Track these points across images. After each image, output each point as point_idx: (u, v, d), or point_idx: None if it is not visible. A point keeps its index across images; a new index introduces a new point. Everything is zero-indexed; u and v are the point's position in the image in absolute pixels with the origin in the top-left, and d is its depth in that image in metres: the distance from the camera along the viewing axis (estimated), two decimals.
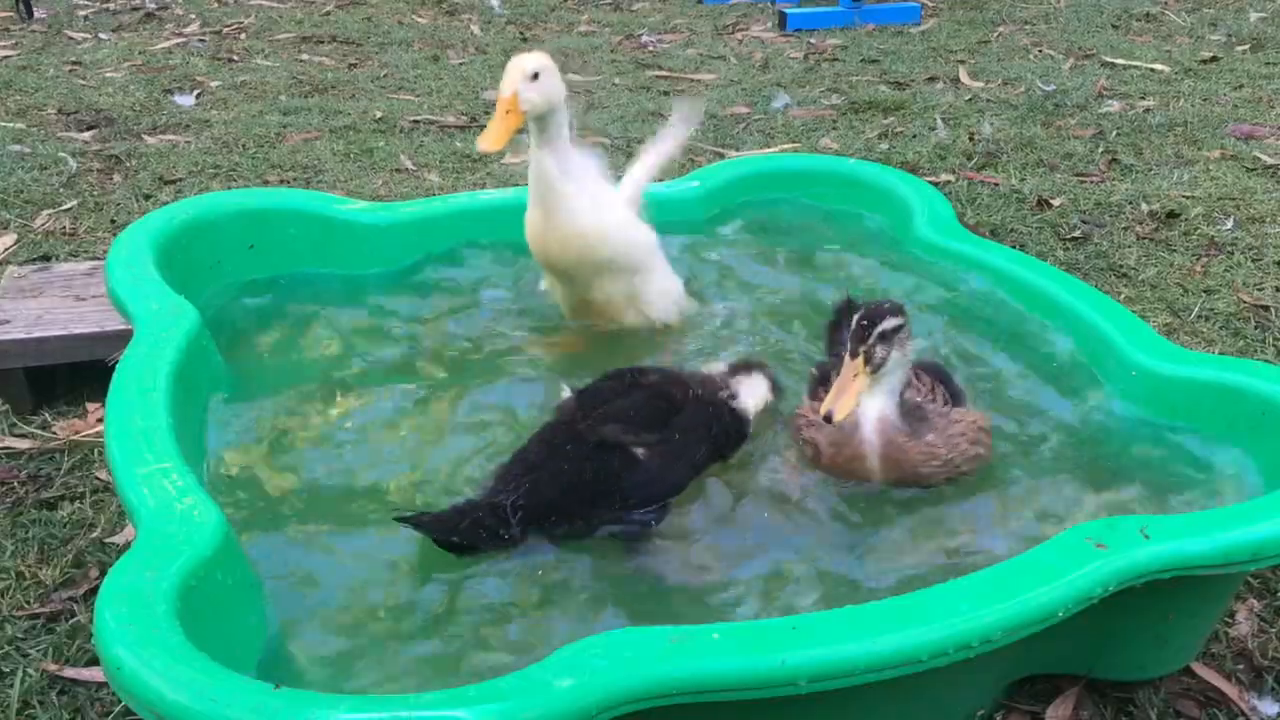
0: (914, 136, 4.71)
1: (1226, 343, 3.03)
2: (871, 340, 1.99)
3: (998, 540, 1.95)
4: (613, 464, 2.01)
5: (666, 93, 5.43)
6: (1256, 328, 3.12)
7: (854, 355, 1.99)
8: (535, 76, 2.24)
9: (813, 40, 6.41)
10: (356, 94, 5.35)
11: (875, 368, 2.00)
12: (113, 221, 3.78)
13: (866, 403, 2.05)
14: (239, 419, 2.24)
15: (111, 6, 7.02)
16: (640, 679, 1.40)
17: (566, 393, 2.22)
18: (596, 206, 2.42)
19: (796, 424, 2.21)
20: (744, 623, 1.52)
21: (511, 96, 2.23)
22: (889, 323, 1.99)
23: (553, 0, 7.45)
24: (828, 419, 1.97)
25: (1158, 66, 5.73)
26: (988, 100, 5.21)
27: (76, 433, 2.63)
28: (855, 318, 2.03)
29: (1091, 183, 4.18)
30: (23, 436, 2.64)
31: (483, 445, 2.22)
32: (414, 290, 2.81)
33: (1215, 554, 1.65)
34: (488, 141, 2.19)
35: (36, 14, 6.65)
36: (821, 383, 2.20)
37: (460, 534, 1.87)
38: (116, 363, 2.05)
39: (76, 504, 2.39)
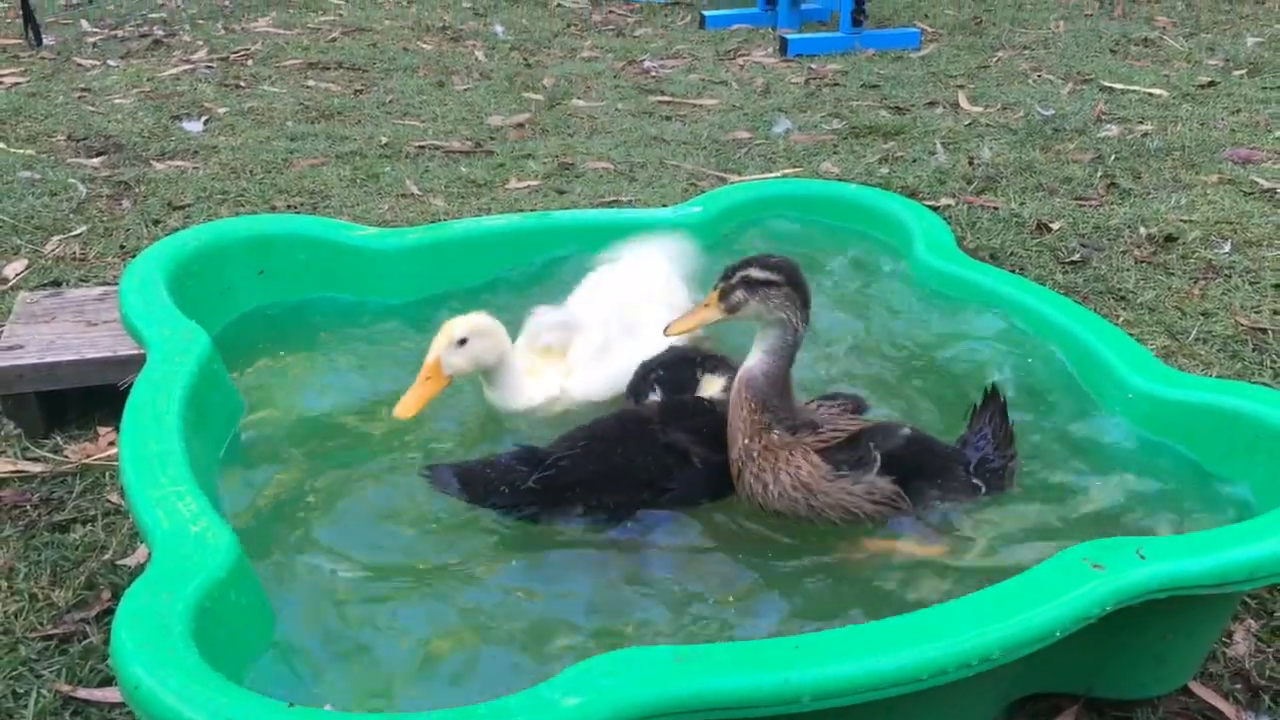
0: (914, 161, 4.76)
1: (1224, 365, 3.06)
2: (734, 280, 2.00)
3: (995, 560, 1.98)
4: (668, 463, 2.10)
5: (669, 118, 5.49)
6: (1254, 350, 3.15)
7: (714, 288, 2.02)
8: (463, 342, 2.26)
9: (813, 65, 6.47)
10: (362, 120, 5.41)
11: (730, 307, 2.01)
12: (122, 247, 3.82)
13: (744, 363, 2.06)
14: (250, 442, 2.28)
15: (120, 33, 7.09)
16: (646, 697, 1.42)
17: (655, 395, 2.32)
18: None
19: None
20: (747, 642, 1.54)
21: (434, 362, 2.26)
22: (757, 272, 1.99)
23: (556, 26, 7.52)
24: (665, 332, 2.08)
25: (1156, 91, 5.79)
26: (987, 125, 5.26)
27: (88, 456, 2.67)
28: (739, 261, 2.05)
29: (1090, 207, 4.22)
30: (35, 460, 2.67)
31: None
32: (422, 314, 2.84)
33: (1211, 574, 1.68)
34: (403, 408, 2.23)
35: (46, 41, 6.72)
36: None
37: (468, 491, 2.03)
38: (129, 387, 2.08)
39: (88, 527, 2.42)
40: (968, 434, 2.19)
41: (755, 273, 1.99)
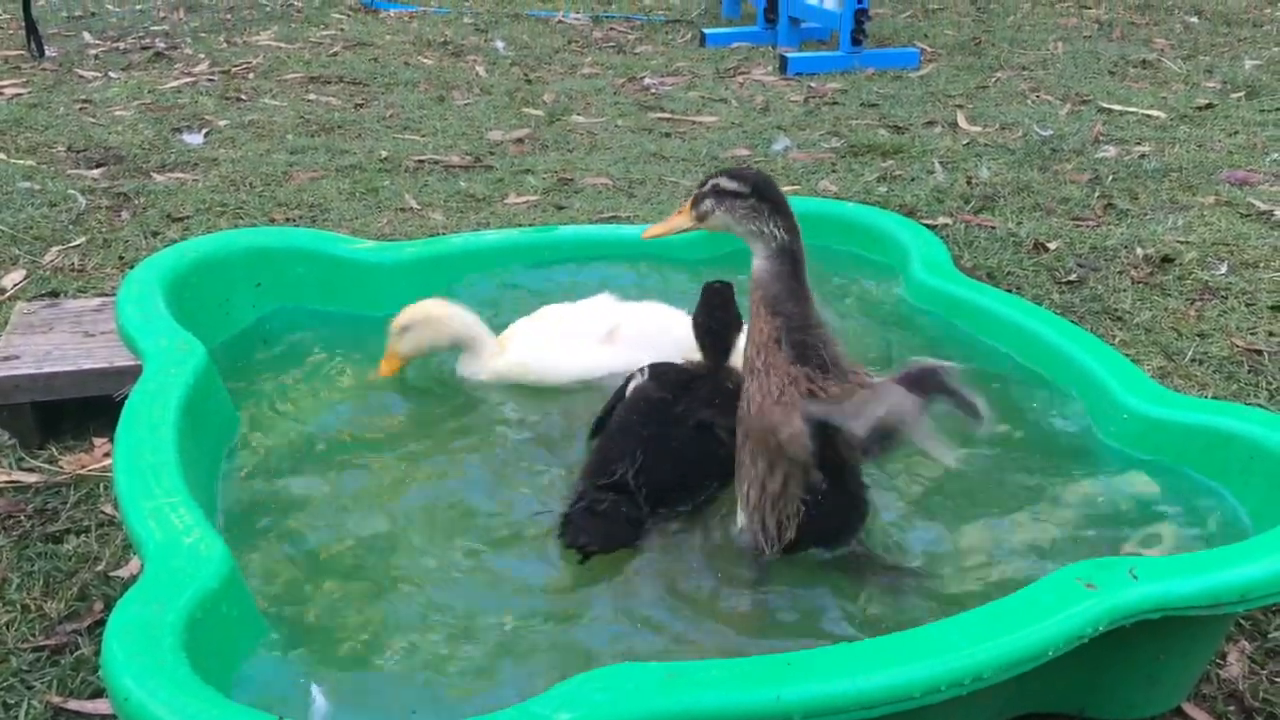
0: (912, 180, 4.77)
1: (1220, 386, 3.07)
2: (705, 189, 2.01)
3: (987, 578, 1.98)
4: (710, 443, 2.15)
5: (669, 134, 5.51)
6: (1250, 372, 3.16)
7: (688, 198, 2.05)
8: (404, 330, 2.54)
9: (813, 84, 6.49)
10: (363, 134, 5.42)
11: (699, 215, 2.02)
12: (120, 258, 3.83)
13: None
14: (245, 454, 2.28)
15: (121, 46, 7.12)
16: (637, 713, 1.42)
17: (639, 378, 2.33)
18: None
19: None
20: (739, 659, 1.54)
21: (390, 349, 2.58)
22: (726, 182, 1.98)
23: (557, 43, 7.55)
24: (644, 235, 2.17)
25: (1154, 113, 5.81)
26: (985, 144, 5.28)
27: (83, 467, 2.67)
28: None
29: (1087, 227, 4.24)
30: (30, 470, 2.67)
31: (490, 478, 2.26)
32: None
33: (1203, 595, 1.68)
34: (377, 373, 2.60)
35: (48, 52, 6.74)
36: None
37: (616, 537, 2.04)
38: (125, 398, 2.09)
39: (82, 538, 2.42)
40: None
41: (724, 183, 1.98)
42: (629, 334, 2.63)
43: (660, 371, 2.33)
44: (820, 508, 1.96)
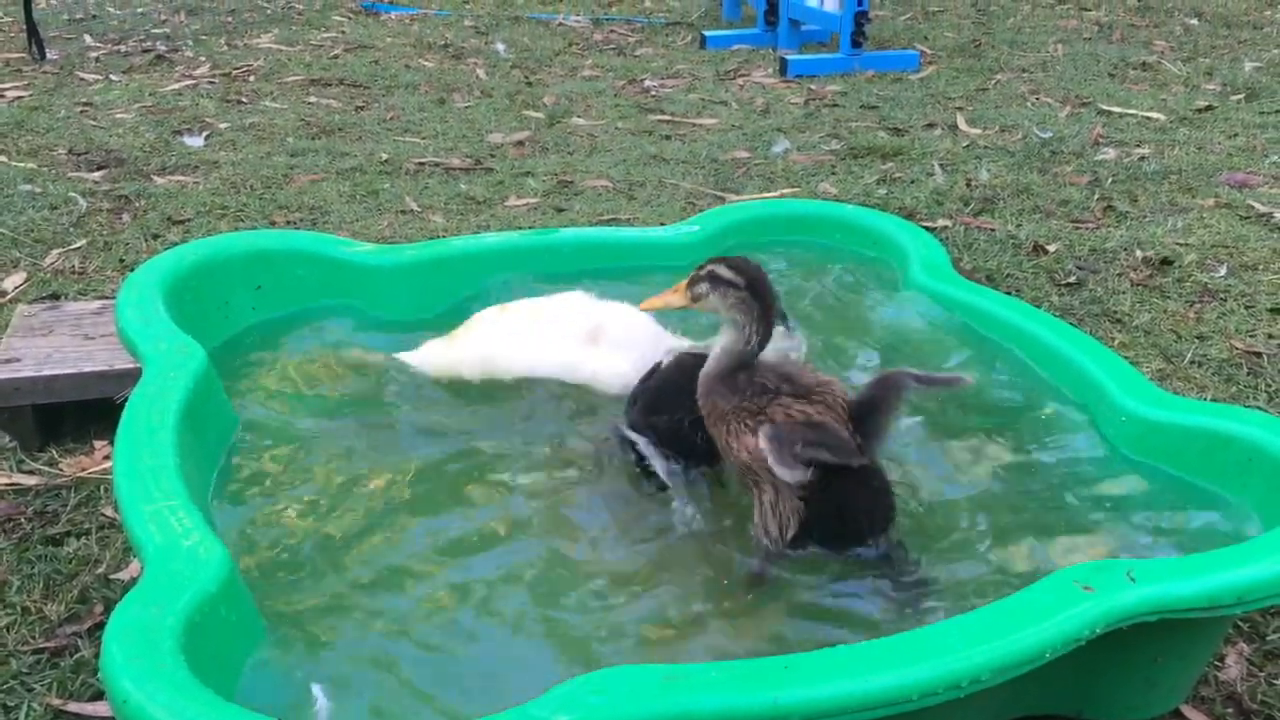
0: (912, 182, 4.78)
1: (1219, 389, 3.07)
2: (702, 272, 2.11)
3: (984, 581, 1.98)
4: None
5: (669, 137, 5.51)
6: (1249, 374, 3.16)
7: (688, 278, 2.15)
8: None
9: (813, 86, 6.50)
10: (363, 136, 5.43)
11: (694, 296, 2.12)
12: (121, 261, 3.83)
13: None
14: (245, 457, 2.28)
15: (123, 49, 7.13)
16: (634, 717, 1.43)
17: (667, 358, 2.41)
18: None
19: None
20: (737, 661, 1.54)
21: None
22: (724, 270, 2.08)
23: (557, 45, 7.56)
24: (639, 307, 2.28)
25: (1153, 115, 5.82)
26: (985, 147, 5.29)
27: (83, 470, 2.67)
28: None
29: (1087, 229, 4.24)
30: (30, 473, 2.67)
31: (491, 477, 2.27)
32: (420, 331, 2.84)
33: (1201, 597, 1.68)
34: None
35: (49, 55, 6.75)
36: None
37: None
38: (125, 401, 2.09)
39: (82, 540, 2.43)
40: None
41: (722, 270, 2.08)
42: (614, 335, 2.59)
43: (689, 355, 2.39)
44: (821, 508, 1.99)
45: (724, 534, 2.14)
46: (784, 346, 2.38)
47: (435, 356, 2.63)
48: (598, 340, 2.59)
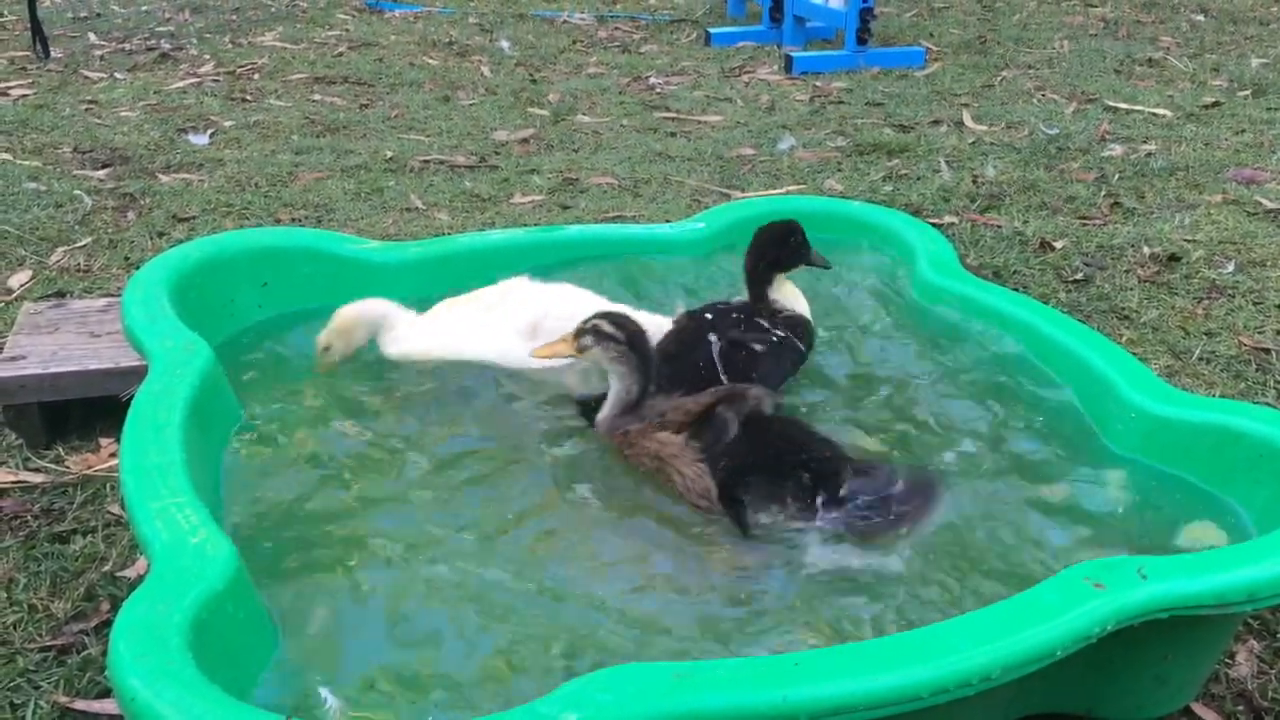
0: (918, 179, 4.76)
1: (1227, 385, 3.06)
2: (587, 326, 2.34)
3: (995, 578, 1.97)
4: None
5: (674, 134, 5.50)
6: (1257, 370, 3.15)
7: (575, 329, 2.37)
8: (326, 349, 2.59)
9: (818, 83, 6.48)
10: (368, 134, 5.42)
11: (579, 348, 2.35)
12: (126, 259, 3.83)
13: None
14: (251, 454, 2.27)
15: (127, 46, 7.13)
16: (643, 714, 1.42)
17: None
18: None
19: None
20: (746, 659, 1.54)
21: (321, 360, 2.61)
22: (606, 326, 2.32)
23: (562, 42, 7.55)
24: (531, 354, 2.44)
25: (1160, 111, 5.80)
26: (991, 143, 5.27)
27: (89, 467, 2.67)
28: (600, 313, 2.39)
29: (1094, 225, 4.23)
30: (36, 471, 2.67)
31: (492, 473, 2.27)
32: None
33: (1211, 595, 1.67)
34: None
35: (53, 53, 6.75)
36: None
37: None
38: (131, 398, 2.09)
39: (89, 538, 2.42)
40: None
41: (605, 326, 2.33)
42: (553, 327, 2.60)
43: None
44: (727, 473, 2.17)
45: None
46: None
47: (407, 345, 2.66)
48: (537, 334, 2.63)
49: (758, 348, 2.55)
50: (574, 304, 2.67)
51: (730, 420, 2.21)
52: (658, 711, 1.43)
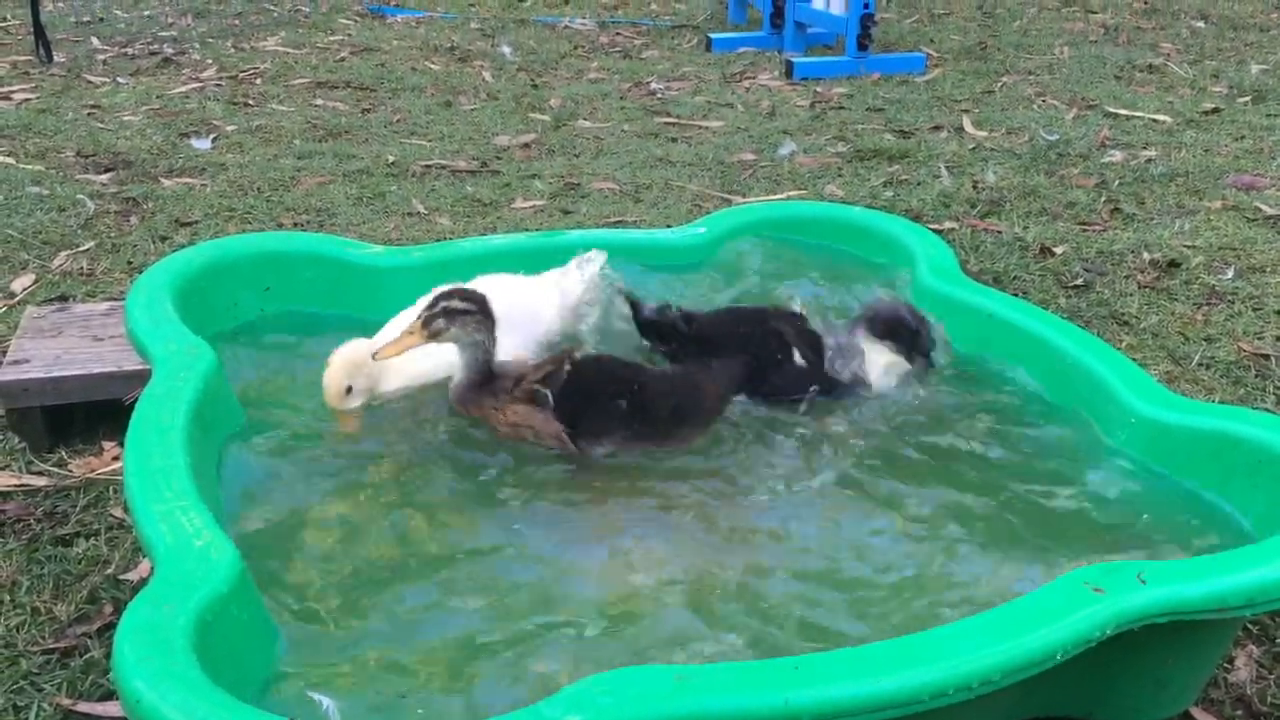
0: (918, 184, 4.77)
1: (1227, 391, 3.07)
2: (436, 310, 2.34)
3: (994, 584, 1.98)
4: None
5: (675, 139, 5.51)
6: (1257, 376, 3.16)
7: (419, 318, 2.35)
8: (349, 390, 2.40)
9: (819, 89, 6.50)
10: (370, 139, 5.44)
11: (432, 333, 2.34)
12: (129, 263, 3.84)
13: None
14: (255, 458, 2.28)
15: (130, 51, 7.14)
16: (645, 716, 1.43)
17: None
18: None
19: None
20: (747, 662, 1.55)
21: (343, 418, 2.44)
22: (458, 303, 2.35)
23: (563, 48, 7.57)
24: (374, 356, 2.37)
25: (1160, 117, 5.81)
26: (991, 149, 5.29)
27: (92, 470, 2.68)
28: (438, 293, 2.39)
29: (1094, 231, 4.24)
30: (39, 474, 2.68)
31: (497, 472, 2.29)
32: None
33: (1211, 599, 1.68)
34: (346, 427, 2.45)
35: (56, 58, 6.77)
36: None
37: None
38: (134, 402, 2.09)
39: (92, 541, 2.43)
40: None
41: (456, 304, 2.36)
42: (520, 317, 2.64)
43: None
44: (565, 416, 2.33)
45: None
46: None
47: (400, 380, 2.57)
48: (509, 324, 2.60)
49: (797, 359, 2.59)
50: (529, 290, 2.76)
51: (547, 394, 2.35)
52: (659, 714, 1.43)
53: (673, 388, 2.42)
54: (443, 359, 2.55)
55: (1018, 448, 2.40)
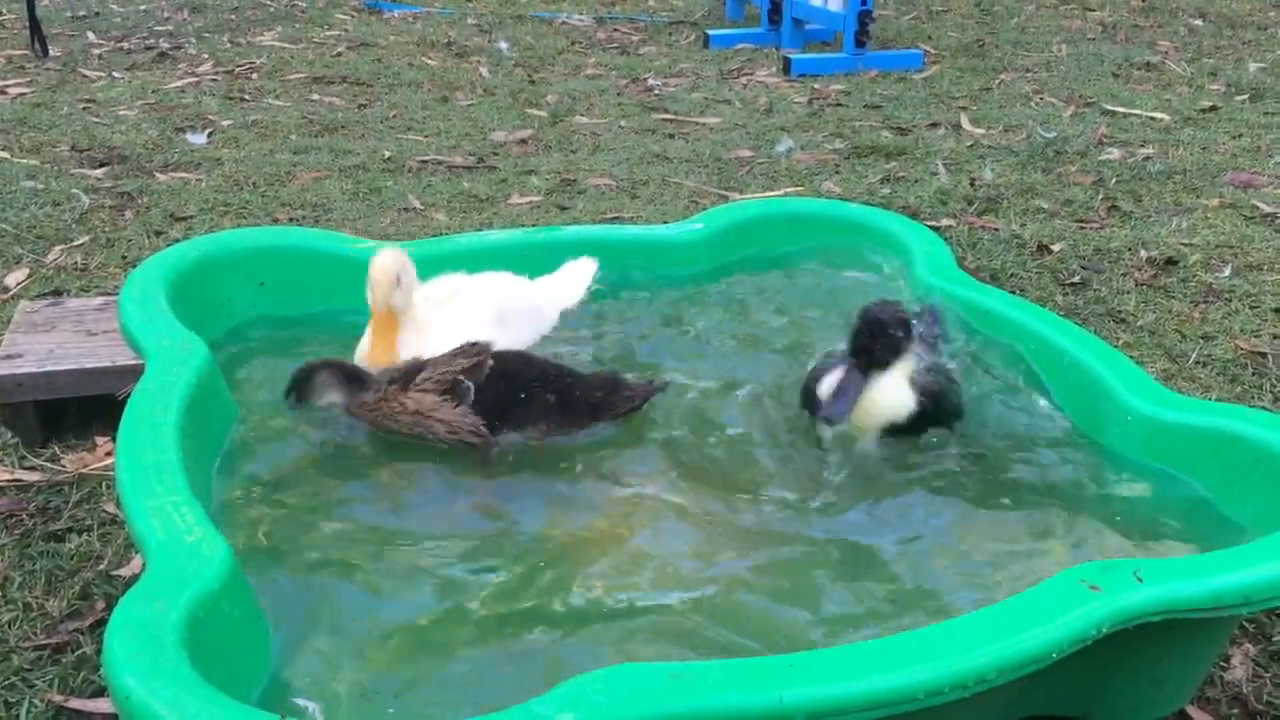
0: (916, 181, 4.77)
1: (1224, 389, 3.06)
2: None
3: (990, 580, 1.97)
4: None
5: (672, 135, 5.50)
6: (1253, 374, 3.15)
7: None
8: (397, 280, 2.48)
9: (816, 85, 6.49)
10: (366, 134, 5.42)
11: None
12: (124, 258, 3.83)
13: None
14: (248, 454, 2.27)
15: (125, 45, 7.12)
16: (639, 714, 1.42)
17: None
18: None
19: None
20: (742, 660, 1.54)
21: (386, 311, 2.51)
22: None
23: (560, 44, 7.55)
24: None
25: (1157, 115, 5.81)
26: (989, 146, 5.28)
27: (85, 466, 2.67)
28: None
29: (1091, 229, 4.23)
30: (32, 469, 2.67)
31: (499, 467, 2.28)
32: None
33: (1207, 598, 1.67)
34: (376, 357, 2.50)
35: (52, 52, 6.74)
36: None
37: None
38: (127, 397, 2.08)
39: (84, 536, 2.42)
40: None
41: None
42: (514, 308, 2.69)
43: None
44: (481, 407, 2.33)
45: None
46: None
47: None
48: (503, 319, 2.66)
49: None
50: (533, 290, 2.79)
51: (469, 387, 2.34)
52: (654, 712, 1.43)
53: (597, 383, 2.44)
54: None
55: (1010, 444, 2.40)
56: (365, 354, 2.51)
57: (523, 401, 2.36)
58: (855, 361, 2.30)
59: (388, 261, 2.46)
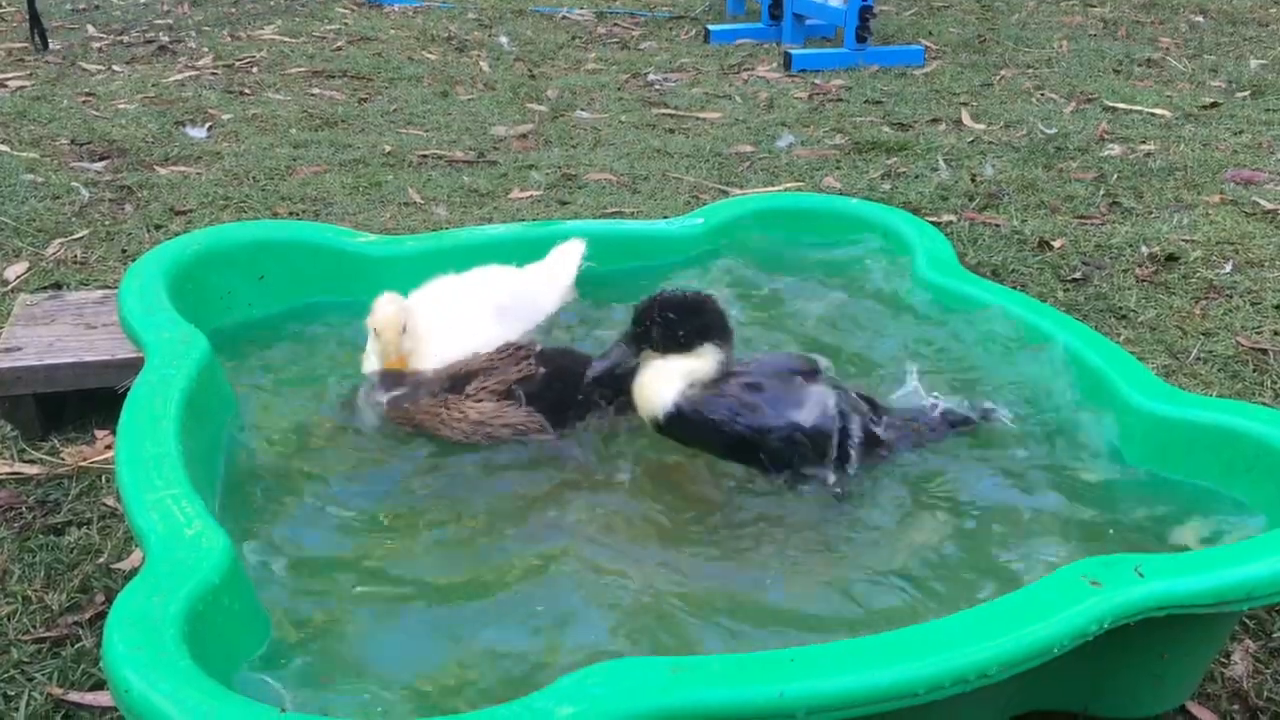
0: (916, 177, 4.76)
1: (1224, 385, 3.06)
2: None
3: (991, 576, 1.97)
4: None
5: (672, 130, 5.50)
6: (1254, 370, 3.15)
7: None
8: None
9: (817, 81, 6.48)
10: (366, 128, 5.41)
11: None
12: (124, 251, 3.82)
13: None
14: (248, 447, 2.27)
15: (125, 39, 7.11)
16: (640, 708, 1.42)
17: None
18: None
19: None
20: (743, 654, 1.53)
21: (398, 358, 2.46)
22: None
23: (560, 38, 7.54)
24: None
25: (1159, 111, 5.80)
26: (990, 142, 5.27)
27: (85, 459, 2.66)
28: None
29: (1092, 225, 4.23)
30: (31, 462, 2.67)
31: (500, 461, 2.28)
32: None
33: (1209, 593, 1.67)
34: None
35: (52, 45, 6.73)
36: None
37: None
38: (127, 390, 2.08)
39: (84, 530, 2.42)
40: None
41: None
42: (518, 305, 2.69)
43: None
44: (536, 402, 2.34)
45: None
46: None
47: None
48: (506, 315, 2.66)
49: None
50: (525, 280, 2.79)
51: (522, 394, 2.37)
52: (654, 706, 1.42)
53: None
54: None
55: (1011, 439, 2.39)
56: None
57: (573, 395, 2.37)
58: (630, 333, 2.21)
59: (391, 314, 2.40)
